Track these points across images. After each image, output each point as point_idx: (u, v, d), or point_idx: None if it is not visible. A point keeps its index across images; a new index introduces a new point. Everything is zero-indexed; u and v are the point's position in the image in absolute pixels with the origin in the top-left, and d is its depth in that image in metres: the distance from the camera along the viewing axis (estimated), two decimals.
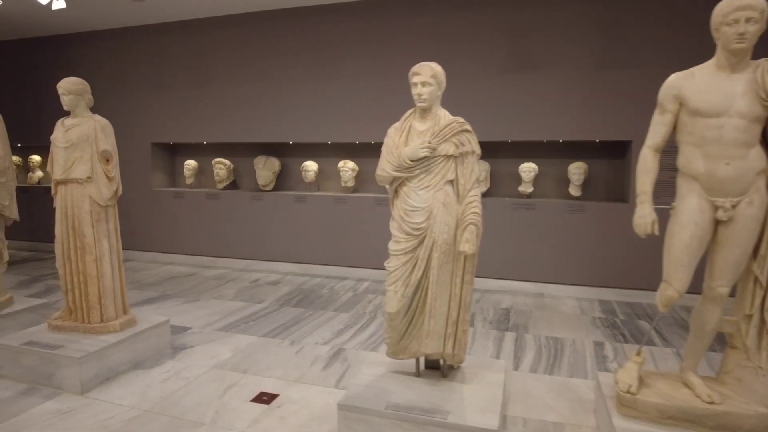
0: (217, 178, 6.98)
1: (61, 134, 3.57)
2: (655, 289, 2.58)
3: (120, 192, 3.69)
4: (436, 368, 3.06)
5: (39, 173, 8.12)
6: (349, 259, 6.37)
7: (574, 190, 5.79)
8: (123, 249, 3.81)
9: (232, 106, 6.80)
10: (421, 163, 2.68)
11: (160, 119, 7.16)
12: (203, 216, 6.99)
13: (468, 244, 2.62)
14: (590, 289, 5.60)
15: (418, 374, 2.98)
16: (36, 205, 7.80)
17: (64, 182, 3.57)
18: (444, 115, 2.77)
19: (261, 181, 6.75)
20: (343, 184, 6.54)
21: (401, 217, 2.74)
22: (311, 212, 6.53)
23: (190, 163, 7.25)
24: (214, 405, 3.14)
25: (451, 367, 3.02)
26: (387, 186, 2.88)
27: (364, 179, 6.73)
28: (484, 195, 5.96)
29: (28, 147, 8.26)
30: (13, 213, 4.20)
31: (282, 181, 7.07)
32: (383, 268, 2.80)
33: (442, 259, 2.69)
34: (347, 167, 6.43)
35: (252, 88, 6.69)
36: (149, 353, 3.83)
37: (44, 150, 8.10)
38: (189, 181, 7.27)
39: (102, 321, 3.64)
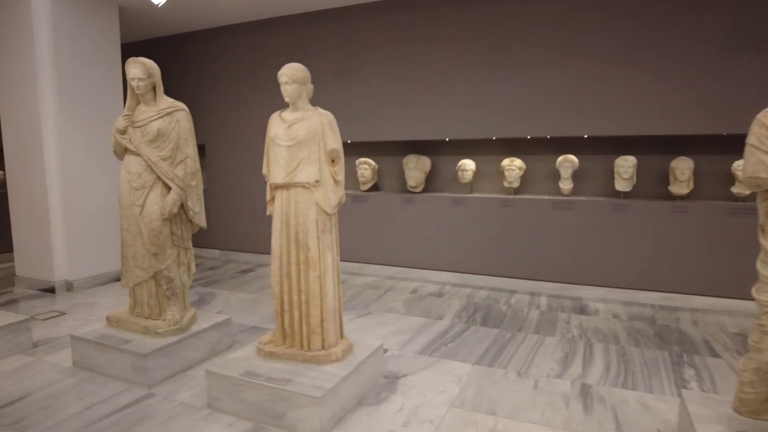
0: (361, 179, 6.44)
1: (282, 131, 3.07)
2: None
3: (344, 199, 3.17)
4: None
5: None
6: (518, 269, 5.66)
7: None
8: (259, 254, 3.24)
9: (378, 100, 6.25)
10: None
11: None
12: (348, 219, 6.47)
13: None
14: None
15: None
16: None
17: (286, 187, 3.08)
18: None
19: (411, 182, 6.16)
20: (506, 184, 5.83)
21: None
22: (471, 216, 5.87)
23: None
24: None
25: None
26: (759, 194, 2.17)
27: (528, 179, 6.01)
28: (688, 197, 5.13)
29: None
30: (202, 221, 3.79)
31: (430, 182, 6.45)
32: (559, 281, 2.10)
33: None
34: (514, 165, 5.72)
35: (401, 81, 6.10)
36: (368, 385, 3.29)
37: None
38: None
39: (323, 348, 3.12)
